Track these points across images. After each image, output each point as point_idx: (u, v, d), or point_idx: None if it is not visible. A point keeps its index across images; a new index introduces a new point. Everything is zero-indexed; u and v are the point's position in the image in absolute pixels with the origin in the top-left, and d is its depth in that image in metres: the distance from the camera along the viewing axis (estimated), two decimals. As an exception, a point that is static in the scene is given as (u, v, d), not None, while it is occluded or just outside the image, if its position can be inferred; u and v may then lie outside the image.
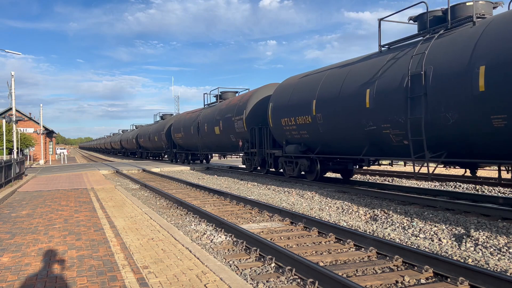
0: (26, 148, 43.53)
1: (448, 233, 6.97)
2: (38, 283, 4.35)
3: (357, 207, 9.47)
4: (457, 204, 8.81)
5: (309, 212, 9.37)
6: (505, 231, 6.68)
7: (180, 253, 5.43)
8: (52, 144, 59.93)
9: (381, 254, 5.84)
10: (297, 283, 4.82)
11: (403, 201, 9.86)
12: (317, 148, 13.58)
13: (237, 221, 8.66)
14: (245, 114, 18.38)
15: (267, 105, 16.79)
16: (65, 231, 6.97)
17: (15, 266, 5.00)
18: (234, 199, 11.39)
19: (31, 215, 8.64)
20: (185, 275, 4.49)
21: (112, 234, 6.65)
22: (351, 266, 5.38)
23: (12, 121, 27.50)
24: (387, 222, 8.03)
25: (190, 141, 27.18)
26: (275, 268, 5.40)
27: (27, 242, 6.24)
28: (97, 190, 13.38)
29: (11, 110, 28.64)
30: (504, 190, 11.59)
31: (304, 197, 11.52)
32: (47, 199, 11.21)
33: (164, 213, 9.91)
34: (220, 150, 24.37)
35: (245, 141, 18.77)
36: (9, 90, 26.95)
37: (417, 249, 5.72)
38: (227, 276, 4.41)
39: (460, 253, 5.91)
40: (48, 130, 52.02)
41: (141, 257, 5.26)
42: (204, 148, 25.37)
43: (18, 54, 27.40)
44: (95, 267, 4.85)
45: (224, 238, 7.01)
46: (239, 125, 18.97)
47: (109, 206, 9.68)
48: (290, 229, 7.74)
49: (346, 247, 6.33)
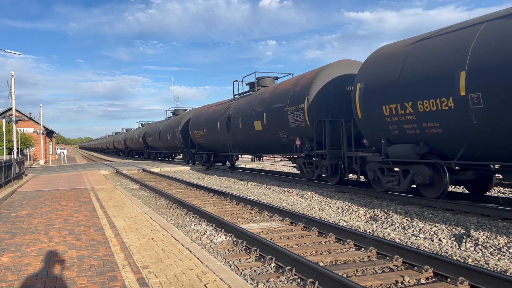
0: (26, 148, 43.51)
1: (448, 233, 6.97)
2: (38, 283, 4.35)
3: (357, 207, 9.47)
4: (457, 204, 8.80)
5: (309, 212, 9.37)
6: (505, 231, 6.68)
7: (180, 253, 5.43)
8: (52, 144, 59.93)
9: (381, 254, 5.84)
10: (297, 283, 4.82)
11: (403, 201, 9.85)
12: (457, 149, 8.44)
13: (237, 221, 8.66)
14: (307, 102, 13.26)
15: (342, 89, 12.92)
16: (65, 231, 6.97)
17: (15, 266, 5.00)
18: (234, 199, 11.39)
19: (31, 215, 8.64)
20: (185, 275, 4.49)
21: (112, 234, 6.65)
22: (351, 266, 5.38)
23: (12, 121, 27.51)
24: (387, 222, 8.03)
25: (216, 140, 22.41)
26: (275, 268, 5.40)
27: (27, 242, 6.24)
28: (97, 190, 13.38)
29: (11, 110, 28.65)
30: (504, 190, 11.59)
31: (304, 197, 11.52)
32: (47, 199, 11.21)
33: (164, 213, 9.91)
34: (262, 150, 18.86)
35: (306, 139, 13.64)
36: (9, 90, 26.98)
37: (417, 249, 5.72)
38: (227, 276, 4.41)
39: (460, 253, 5.91)
40: (48, 130, 52.02)
41: (141, 257, 5.26)
42: (237, 148, 20.49)
43: (18, 54, 27.41)
44: (95, 267, 4.85)
45: (224, 238, 7.01)
46: (297, 118, 13.87)
47: (109, 206, 9.68)
48: (290, 229, 7.74)
49: (346, 247, 6.33)
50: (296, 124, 14.02)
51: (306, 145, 13.64)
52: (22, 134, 40.88)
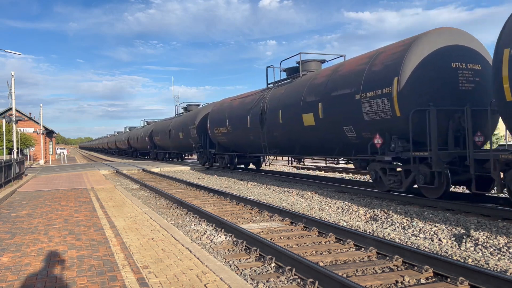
0: (26, 148, 43.50)
1: (448, 233, 6.97)
2: (38, 283, 4.35)
3: (357, 207, 9.47)
4: (457, 204, 8.80)
5: (309, 212, 9.37)
6: (505, 231, 6.68)
7: (180, 253, 5.43)
8: (52, 144, 59.91)
9: (381, 254, 5.84)
10: (297, 283, 4.82)
11: (403, 201, 9.85)
12: None
13: (237, 221, 8.66)
14: (398, 85, 9.64)
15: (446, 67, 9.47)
16: (65, 231, 6.97)
17: (15, 266, 5.00)
18: (234, 199, 11.39)
19: (31, 215, 8.64)
20: (185, 275, 4.49)
21: (112, 234, 6.65)
22: (351, 266, 5.38)
23: (12, 121, 27.51)
24: (387, 222, 8.03)
25: (243, 138, 18.95)
26: (275, 268, 5.40)
27: (27, 242, 6.24)
28: (97, 190, 13.38)
29: (11, 110, 28.66)
30: (504, 190, 11.57)
31: (304, 197, 11.52)
32: (47, 199, 11.21)
33: (164, 213, 9.91)
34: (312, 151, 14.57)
35: (394, 136, 9.94)
36: (9, 90, 26.99)
37: (417, 249, 5.72)
38: (227, 276, 4.41)
39: (460, 253, 5.91)
40: (48, 130, 52.01)
41: (141, 257, 5.26)
42: (273, 148, 16.72)
43: (18, 54, 27.42)
44: (95, 267, 4.85)
45: (224, 238, 7.01)
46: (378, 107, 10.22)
47: (109, 206, 9.68)
48: (290, 229, 7.74)
49: (346, 247, 6.33)
50: (376, 116, 10.36)
51: (393, 145, 9.87)
52: (22, 134, 40.89)
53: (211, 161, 23.89)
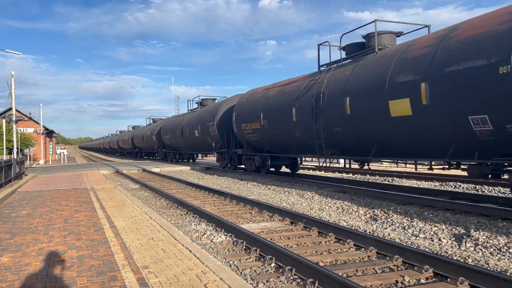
0: (26, 148, 43.53)
1: (448, 233, 6.97)
2: (38, 283, 4.35)
3: (357, 207, 9.47)
4: (457, 204, 8.80)
5: (309, 212, 9.37)
6: (505, 231, 6.68)
7: (180, 253, 5.44)
8: (52, 144, 59.93)
9: (381, 254, 5.84)
10: (297, 283, 4.82)
11: (403, 201, 9.85)
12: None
13: (237, 221, 8.66)
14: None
15: None
16: (65, 231, 6.97)
17: (15, 266, 5.00)
18: (234, 199, 11.39)
19: (31, 215, 8.64)
20: (185, 275, 4.49)
21: (112, 234, 6.65)
22: (351, 266, 5.38)
23: (12, 121, 27.52)
24: (387, 222, 8.04)
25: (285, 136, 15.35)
26: (275, 268, 5.40)
27: (27, 242, 6.24)
28: (97, 190, 13.38)
29: (11, 110, 28.66)
30: (504, 190, 11.59)
31: (304, 197, 11.52)
32: (47, 199, 11.21)
33: (164, 213, 9.91)
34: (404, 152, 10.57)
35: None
36: (9, 90, 26.99)
37: (417, 249, 5.72)
38: (227, 276, 4.41)
39: (460, 253, 5.91)
40: (48, 130, 52.03)
41: (141, 257, 5.26)
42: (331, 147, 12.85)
43: (18, 54, 27.43)
44: (95, 267, 4.85)
45: (224, 238, 7.01)
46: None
47: (109, 206, 9.68)
48: (290, 229, 7.74)
49: (346, 247, 6.33)
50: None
51: None
52: (22, 134, 40.90)
53: (235, 163, 20.29)
